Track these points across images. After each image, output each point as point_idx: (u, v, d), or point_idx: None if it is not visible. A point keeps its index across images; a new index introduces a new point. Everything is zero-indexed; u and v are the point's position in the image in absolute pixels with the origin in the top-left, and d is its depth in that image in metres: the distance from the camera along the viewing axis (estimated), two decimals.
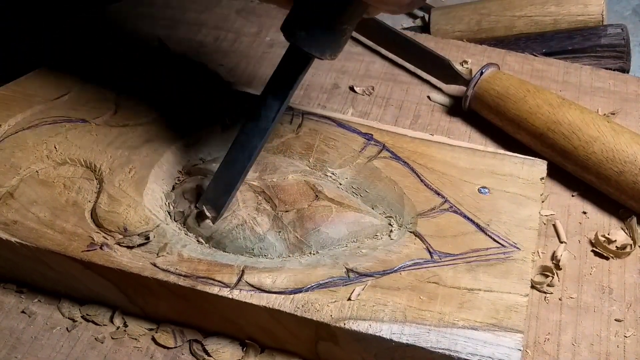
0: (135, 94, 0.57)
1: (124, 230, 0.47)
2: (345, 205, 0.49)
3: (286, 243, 0.47)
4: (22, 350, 0.47)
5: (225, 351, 0.47)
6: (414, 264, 0.46)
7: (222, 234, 0.48)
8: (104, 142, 0.53)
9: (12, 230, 0.47)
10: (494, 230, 0.48)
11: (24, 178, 0.51)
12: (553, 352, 0.48)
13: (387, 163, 0.52)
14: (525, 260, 0.46)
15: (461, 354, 0.41)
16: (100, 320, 0.49)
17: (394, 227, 0.49)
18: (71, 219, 0.48)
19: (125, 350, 0.47)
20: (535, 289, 0.51)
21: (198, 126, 0.54)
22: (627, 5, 0.85)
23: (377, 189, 0.51)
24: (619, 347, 0.48)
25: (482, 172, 0.52)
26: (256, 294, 0.44)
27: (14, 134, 0.53)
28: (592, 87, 0.67)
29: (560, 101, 0.58)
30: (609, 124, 0.56)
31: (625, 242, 0.54)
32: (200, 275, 0.45)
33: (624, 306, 0.50)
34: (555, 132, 0.57)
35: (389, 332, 0.42)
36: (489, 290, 0.44)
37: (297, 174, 0.51)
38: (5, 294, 0.50)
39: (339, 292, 0.44)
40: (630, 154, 0.54)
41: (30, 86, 0.58)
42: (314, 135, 0.54)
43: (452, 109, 0.65)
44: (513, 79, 0.61)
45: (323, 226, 0.48)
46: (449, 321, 0.43)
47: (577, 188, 0.58)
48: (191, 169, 0.52)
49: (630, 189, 0.54)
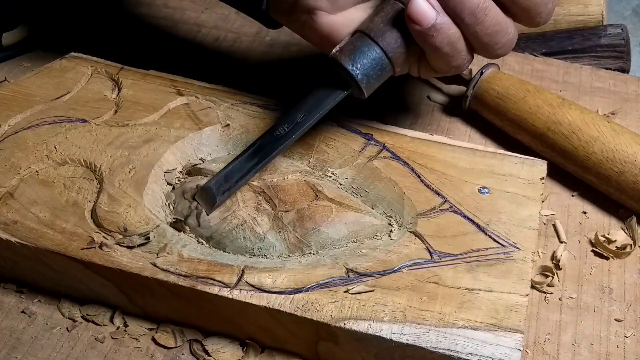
0: (136, 93, 0.57)
1: (124, 230, 0.47)
2: (345, 205, 0.49)
3: (286, 243, 0.47)
4: (22, 350, 0.47)
5: (225, 351, 0.47)
6: (414, 264, 0.46)
7: (222, 234, 0.48)
8: (104, 142, 0.53)
9: (12, 230, 0.47)
10: (494, 230, 0.48)
11: (24, 178, 0.51)
12: (553, 352, 0.48)
13: (387, 163, 0.52)
14: (525, 260, 0.46)
15: (461, 354, 0.41)
16: (101, 320, 0.49)
17: (394, 227, 0.49)
18: (71, 219, 0.48)
19: (126, 350, 0.47)
20: (535, 289, 0.51)
21: (198, 126, 0.54)
22: (627, 5, 0.85)
23: (377, 189, 0.51)
24: (619, 347, 0.48)
25: (482, 172, 0.52)
26: (256, 294, 0.44)
27: (13, 134, 0.53)
28: (592, 87, 0.67)
29: (560, 101, 0.58)
30: (609, 124, 0.56)
31: (625, 242, 0.54)
32: (200, 275, 0.45)
33: (624, 306, 0.50)
34: (555, 132, 0.57)
35: (389, 332, 0.42)
36: (489, 290, 0.44)
37: (297, 174, 0.51)
38: (5, 293, 0.50)
39: (339, 292, 0.44)
40: (630, 154, 0.54)
41: (30, 86, 0.58)
42: (314, 135, 0.54)
43: (452, 109, 0.65)
44: (513, 79, 0.61)
45: (323, 226, 0.48)
46: (449, 321, 0.43)
47: (577, 188, 0.58)
48: (191, 169, 0.52)
49: (630, 189, 0.54)
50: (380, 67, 0.47)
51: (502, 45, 0.47)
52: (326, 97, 0.49)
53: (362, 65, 0.47)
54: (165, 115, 0.55)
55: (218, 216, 0.48)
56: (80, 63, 0.60)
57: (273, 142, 0.49)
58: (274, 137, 0.49)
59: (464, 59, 0.48)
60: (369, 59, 0.47)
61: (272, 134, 0.49)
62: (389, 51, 0.47)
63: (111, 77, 0.59)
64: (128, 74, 0.59)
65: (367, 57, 0.47)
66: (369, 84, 0.48)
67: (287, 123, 0.49)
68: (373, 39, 0.47)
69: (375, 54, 0.47)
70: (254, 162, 0.48)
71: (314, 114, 0.49)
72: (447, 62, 0.47)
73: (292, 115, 0.49)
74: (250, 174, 0.48)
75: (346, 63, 0.47)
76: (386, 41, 0.47)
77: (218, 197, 0.48)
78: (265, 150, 0.49)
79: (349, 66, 0.47)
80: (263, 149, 0.49)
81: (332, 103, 0.49)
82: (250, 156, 0.49)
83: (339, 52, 0.48)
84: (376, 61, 0.47)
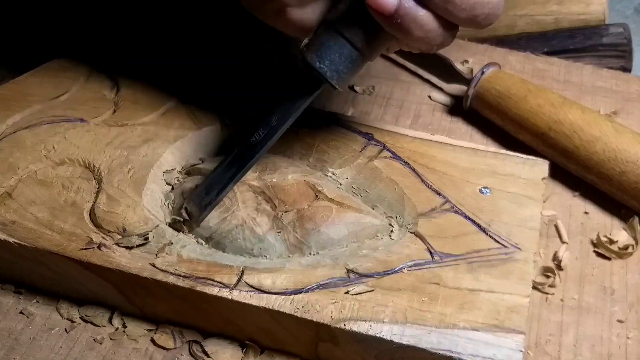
0: (135, 93, 0.57)
1: (122, 230, 0.47)
2: (345, 205, 0.49)
3: (286, 243, 0.47)
4: (21, 351, 0.47)
5: (224, 352, 0.47)
6: (415, 264, 0.46)
7: (221, 234, 0.47)
8: (102, 142, 0.53)
9: (10, 230, 0.47)
10: (495, 231, 0.48)
11: (22, 178, 0.50)
12: (554, 353, 0.48)
13: (387, 163, 0.52)
14: (526, 260, 0.46)
15: (462, 355, 0.41)
16: (99, 321, 0.48)
17: (394, 228, 0.49)
18: (70, 219, 0.48)
19: (124, 351, 0.47)
20: (536, 289, 0.51)
21: (198, 126, 0.54)
22: (629, 4, 0.85)
23: (378, 189, 0.51)
24: (620, 348, 0.48)
25: (483, 172, 0.52)
26: (256, 294, 0.44)
27: (12, 134, 0.53)
28: (593, 87, 0.67)
29: (561, 101, 0.58)
30: (610, 124, 0.56)
31: (627, 242, 0.54)
32: (199, 275, 0.45)
33: (626, 307, 0.50)
34: (557, 132, 0.57)
35: (389, 333, 0.42)
36: (490, 291, 0.44)
37: (297, 174, 0.50)
38: (4, 294, 0.50)
39: (339, 293, 0.44)
40: (632, 154, 0.54)
41: (29, 86, 0.58)
42: (314, 135, 0.54)
43: (453, 109, 0.65)
44: (514, 78, 0.61)
45: (323, 226, 0.47)
46: (450, 322, 0.42)
47: (579, 188, 0.58)
48: (191, 169, 0.52)
49: (633, 189, 0.54)
50: (350, 59, 0.44)
51: (486, 16, 0.43)
52: (299, 97, 0.47)
53: (330, 61, 0.44)
54: (164, 115, 0.55)
55: (217, 216, 0.48)
56: (79, 62, 0.60)
57: (250, 149, 0.47)
58: (250, 144, 0.47)
59: (441, 36, 0.44)
60: (337, 54, 0.44)
61: (248, 141, 0.47)
62: (357, 42, 0.44)
63: (110, 77, 0.59)
64: (127, 74, 0.59)
65: (335, 52, 0.44)
66: (340, 78, 0.45)
67: (262, 128, 0.47)
68: (339, 32, 0.43)
69: (342, 47, 0.44)
70: (231, 173, 0.48)
71: (287, 115, 0.47)
72: (424, 44, 0.44)
73: (266, 120, 0.47)
74: (230, 185, 0.48)
75: (313, 61, 0.44)
76: (352, 32, 0.43)
77: (201, 212, 0.47)
78: (243, 159, 0.48)
79: (316, 64, 0.44)
80: (240, 158, 0.48)
81: (305, 102, 0.47)
82: (228, 167, 0.48)
83: (306, 49, 0.45)
84: (345, 55, 0.44)
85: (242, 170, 0.48)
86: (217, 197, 0.48)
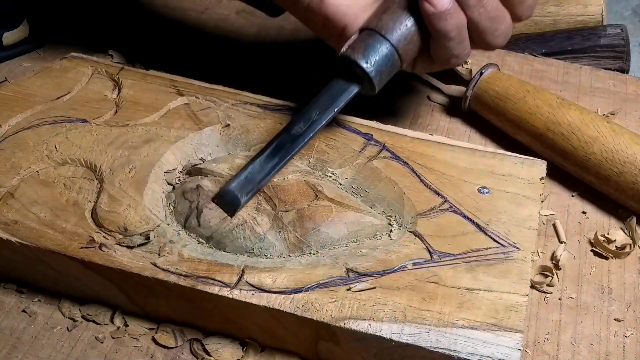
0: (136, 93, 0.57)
1: (124, 230, 0.47)
2: (345, 205, 0.49)
3: (286, 243, 0.47)
4: (23, 350, 0.47)
5: (225, 351, 0.47)
6: (414, 263, 0.46)
7: (222, 233, 0.48)
8: (104, 142, 0.53)
9: (12, 230, 0.47)
10: (494, 230, 0.48)
11: (24, 178, 0.51)
12: (553, 351, 0.48)
13: (387, 163, 0.52)
14: (525, 260, 0.46)
15: (461, 354, 0.41)
16: (101, 320, 0.49)
17: (393, 227, 0.49)
18: (71, 218, 0.48)
19: (126, 350, 0.47)
20: (534, 288, 0.51)
21: (199, 126, 0.55)
22: (627, 6, 0.85)
23: (377, 189, 0.51)
24: (618, 347, 0.48)
25: (482, 172, 0.52)
26: (256, 293, 0.44)
27: (14, 134, 0.54)
28: (591, 88, 0.67)
29: (559, 101, 0.58)
30: (608, 125, 0.56)
31: (624, 242, 0.54)
32: (200, 275, 0.45)
33: (624, 306, 0.50)
34: (555, 133, 0.57)
35: (388, 332, 0.42)
36: (489, 290, 0.44)
37: (297, 174, 0.51)
38: (6, 293, 0.50)
39: (339, 292, 0.44)
40: (629, 154, 0.54)
41: (31, 86, 0.58)
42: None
43: (451, 109, 0.66)
44: (513, 79, 0.61)
45: (323, 226, 0.48)
46: (448, 321, 0.43)
47: (577, 188, 0.58)
48: (191, 169, 0.52)
49: (630, 189, 0.54)
50: (391, 63, 0.49)
51: (501, 33, 0.50)
52: (339, 94, 0.50)
53: (376, 62, 0.48)
54: (165, 116, 0.55)
55: (218, 216, 0.48)
56: (81, 63, 0.60)
57: (291, 140, 0.49)
58: (292, 135, 0.49)
59: (465, 48, 0.50)
60: (381, 56, 0.48)
61: (289, 133, 0.49)
62: (399, 47, 0.48)
63: (111, 77, 0.59)
64: (128, 74, 0.59)
65: (379, 54, 0.48)
66: (380, 80, 0.49)
67: (302, 121, 0.49)
68: (384, 36, 0.48)
69: (386, 50, 0.48)
70: (274, 162, 0.48)
71: (328, 111, 0.49)
72: (450, 51, 0.49)
73: (307, 114, 0.49)
74: (272, 173, 0.48)
75: (360, 60, 0.48)
76: (396, 37, 0.48)
77: (242, 199, 0.47)
78: (286, 149, 0.48)
79: (363, 63, 0.48)
80: (282, 148, 0.48)
81: (345, 99, 0.50)
82: (270, 156, 0.48)
83: (351, 50, 0.48)
84: (387, 57, 0.48)
85: (284, 160, 0.48)
86: (259, 184, 0.48)
